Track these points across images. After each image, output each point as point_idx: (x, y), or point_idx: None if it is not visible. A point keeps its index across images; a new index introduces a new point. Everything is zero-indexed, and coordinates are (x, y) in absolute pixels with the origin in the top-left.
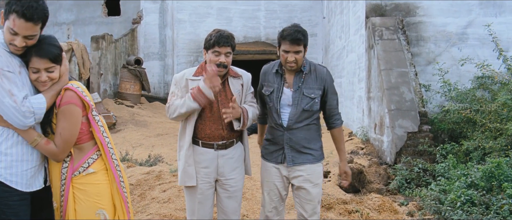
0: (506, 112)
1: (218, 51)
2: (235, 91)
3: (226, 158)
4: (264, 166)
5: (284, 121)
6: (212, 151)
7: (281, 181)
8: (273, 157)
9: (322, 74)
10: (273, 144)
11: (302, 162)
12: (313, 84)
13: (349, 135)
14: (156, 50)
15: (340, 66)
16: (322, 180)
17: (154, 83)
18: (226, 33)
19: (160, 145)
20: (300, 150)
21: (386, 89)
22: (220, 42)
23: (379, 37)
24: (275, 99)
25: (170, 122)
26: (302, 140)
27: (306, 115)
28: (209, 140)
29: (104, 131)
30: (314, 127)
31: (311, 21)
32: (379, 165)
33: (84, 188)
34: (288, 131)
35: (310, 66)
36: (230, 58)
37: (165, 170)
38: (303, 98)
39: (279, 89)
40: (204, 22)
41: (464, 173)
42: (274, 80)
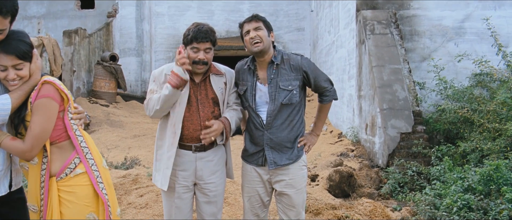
0: (505, 111)
1: (197, 48)
2: (217, 90)
3: (205, 161)
4: (244, 169)
5: (263, 119)
6: (190, 153)
7: (263, 186)
8: (253, 159)
9: (296, 63)
10: (253, 145)
11: (284, 165)
12: (288, 75)
13: (339, 136)
14: (133, 45)
15: (329, 62)
16: (305, 184)
17: (130, 81)
18: (205, 28)
19: (137, 147)
20: (281, 151)
21: (378, 87)
22: (199, 37)
23: (371, 32)
24: (250, 98)
25: (147, 122)
26: (284, 140)
27: (286, 110)
28: (187, 141)
29: (77, 128)
30: (297, 124)
31: (298, 15)
32: (371, 168)
33: (73, 191)
34: (268, 130)
35: (282, 56)
36: (211, 54)
37: (142, 174)
38: (280, 92)
39: (253, 87)
40: (184, 16)
41: (460, 176)
42: (247, 77)
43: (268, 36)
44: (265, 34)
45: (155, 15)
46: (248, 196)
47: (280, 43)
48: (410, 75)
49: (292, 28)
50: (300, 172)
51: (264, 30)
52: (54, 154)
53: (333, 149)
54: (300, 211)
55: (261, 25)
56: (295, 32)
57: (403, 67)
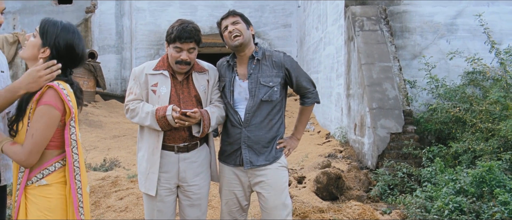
0: (498, 111)
1: (180, 47)
2: (199, 88)
3: (188, 162)
4: (222, 171)
5: (241, 116)
6: (172, 154)
7: (241, 189)
8: (231, 159)
9: (279, 59)
10: (230, 144)
11: (260, 165)
12: (269, 71)
13: (327, 137)
14: (112, 42)
15: (317, 60)
16: (286, 186)
17: (110, 79)
18: (189, 27)
19: (117, 148)
20: (260, 151)
21: (367, 85)
22: (182, 37)
23: (360, 28)
24: (228, 94)
25: (127, 122)
26: (262, 139)
27: (266, 108)
28: (169, 142)
29: (76, 146)
30: (277, 125)
31: (284, 10)
32: (359, 170)
33: (35, 200)
34: (246, 128)
35: (264, 52)
36: (194, 54)
37: (122, 176)
38: (260, 88)
39: (231, 82)
40: (166, 11)
41: (452, 178)
42: (226, 73)
43: (247, 30)
44: (244, 27)
45: (135, 11)
46: (225, 199)
47: (265, 40)
48: (400, 73)
49: (278, 24)
50: (278, 173)
51: (242, 24)
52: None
53: (320, 150)
54: (282, 215)
55: (238, 19)
56: (282, 28)
57: (393, 65)
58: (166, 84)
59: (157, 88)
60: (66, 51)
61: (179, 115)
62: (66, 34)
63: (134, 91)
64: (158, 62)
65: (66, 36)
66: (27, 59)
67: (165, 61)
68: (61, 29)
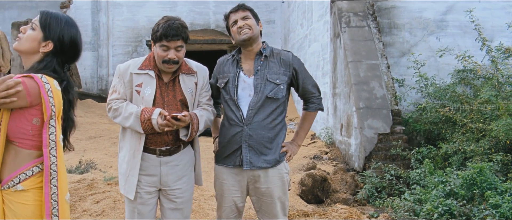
0: (489, 111)
1: (167, 46)
2: (186, 91)
3: (171, 165)
4: (221, 175)
5: (243, 113)
6: (154, 157)
7: (240, 195)
8: (230, 160)
9: (287, 58)
10: (230, 144)
11: (260, 167)
12: (277, 69)
13: (312, 137)
14: (88, 39)
15: (302, 58)
16: (286, 195)
17: (86, 78)
18: (176, 24)
19: (93, 149)
20: (261, 151)
21: (354, 84)
22: (169, 35)
23: (346, 24)
24: (232, 89)
25: (104, 122)
26: (263, 138)
27: (270, 106)
28: (151, 145)
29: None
30: (280, 125)
31: (268, 6)
32: (346, 172)
33: (13, 207)
34: (248, 126)
35: (272, 50)
36: (182, 52)
37: (99, 178)
38: (266, 85)
39: (235, 77)
40: (144, 7)
41: (442, 180)
42: (230, 69)
43: (257, 25)
44: (254, 23)
45: (112, 6)
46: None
47: None
48: (388, 71)
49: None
50: (279, 180)
51: (252, 19)
52: (9, 156)
53: (305, 151)
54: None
55: (248, 14)
56: (265, 25)
57: (381, 63)
58: (151, 86)
59: (141, 89)
60: (70, 46)
61: (169, 118)
62: (71, 29)
63: (118, 90)
64: (144, 61)
65: (71, 31)
66: (24, 52)
67: (151, 60)
68: (65, 23)
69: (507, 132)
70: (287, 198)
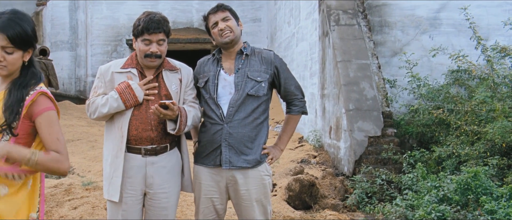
0: (485, 112)
1: (149, 39)
2: (171, 88)
3: (157, 167)
4: (199, 175)
5: (223, 111)
6: (139, 157)
7: (219, 196)
8: (210, 160)
9: (268, 56)
10: (209, 143)
11: (240, 167)
12: (258, 66)
13: (299, 141)
14: (66, 38)
15: (289, 57)
16: (268, 198)
17: (63, 78)
18: (157, 17)
19: (71, 153)
20: (241, 151)
21: (344, 85)
22: (150, 28)
23: (335, 23)
24: (212, 88)
25: (82, 124)
26: (244, 137)
27: (251, 104)
28: (135, 143)
29: None
30: (261, 125)
31: (253, 4)
32: (335, 176)
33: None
34: (228, 124)
35: (253, 49)
36: (165, 47)
37: (76, 183)
38: (247, 82)
39: (216, 76)
40: (124, 4)
41: (435, 185)
42: (210, 68)
43: (237, 26)
44: (235, 24)
45: (91, 4)
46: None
47: None
48: (379, 71)
49: (247, 18)
50: (260, 183)
51: (232, 19)
52: None
53: (293, 155)
54: None
55: (228, 15)
56: (251, 23)
57: (371, 63)
58: None
59: None
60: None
61: (157, 107)
62: (29, 23)
63: (98, 91)
64: (126, 60)
65: (31, 24)
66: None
67: (133, 59)
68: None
69: (503, 134)
70: (269, 202)
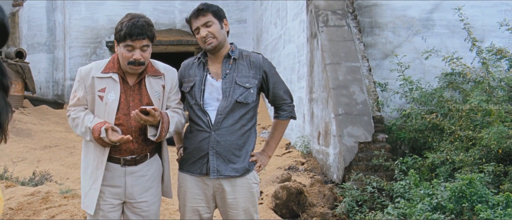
0: (480, 117)
1: (132, 46)
2: (153, 95)
3: (137, 176)
4: (184, 183)
5: (211, 118)
6: (118, 166)
7: (205, 204)
8: (196, 168)
9: (257, 61)
10: (196, 150)
11: (228, 176)
12: (246, 71)
13: (287, 147)
14: (43, 40)
15: (276, 60)
16: (256, 207)
17: (40, 82)
18: (141, 22)
19: (48, 160)
20: (229, 159)
21: (333, 88)
22: (134, 33)
23: (324, 24)
24: (198, 93)
25: (60, 130)
26: (232, 145)
27: (239, 111)
28: (115, 153)
29: None
30: (249, 132)
31: (239, 4)
32: (324, 184)
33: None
34: (216, 132)
35: (241, 52)
36: (148, 52)
37: (54, 191)
38: (235, 89)
39: (202, 81)
40: (104, 5)
41: (428, 193)
42: (196, 72)
43: (221, 29)
44: (217, 28)
45: (69, 4)
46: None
47: None
48: (370, 74)
49: (232, 19)
50: (248, 191)
51: (215, 23)
52: None
53: (280, 162)
54: None
55: (210, 18)
56: (236, 24)
57: (361, 65)
58: (115, 90)
59: (104, 94)
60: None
61: (137, 113)
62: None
63: (77, 95)
64: (107, 63)
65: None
66: None
67: (115, 62)
68: None
69: (499, 140)
70: (257, 211)
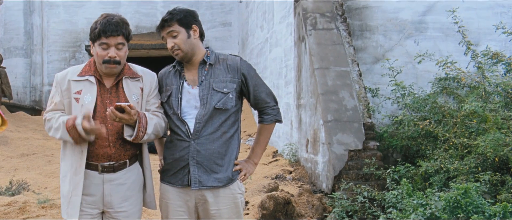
0: (475, 124)
1: (106, 43)
2: (131, 98)
3: (115, 184)
4: (166, 194)
5: (189, 127)
6: (95, 174)
7: (187, 217)
8: (177, 179)
9: (234, 63)
10: (176, 161)
11: (211, 187)
12: (224, 76)
13: (274, 155)
14: (20, 43)
15: (262, 64)
16: (241, 214)
17: (17, 88)
18: (115, 19)
19: (25, 168)
20: (211, 169)
21: (321, 94)
22: (108, 31)
23: (312, 27)
24: (175, 103)
25: (38, 137)
26: (214, 153)
27: (219, 118)
28: (92, 160)
29: None
30: (232, 139)
31: (223, 6)
32: (312, 194)
33: None
34: (195, 141)
35: (217, 56)
36: (124, 51)
37: (32, 201)
38: (212, 95)
39: (179, 89)
40: (84, 7)
41: (421, 203)
42: (173, 81)
43: (187, 38)
44: (183, 38)
45: (47, 7)
46: None
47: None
48: (360, 79)
49: (216, 22)
50: (232, 202)
51: (180, 33)
52: None
53: (266, 171)
54: None
55: (175, 28)
56: (220, 27)
57: (351, 70)
58: (91, 92)
59: (80, 96)
60: None
61: (112, 110)
62: None
63: (54, 100)
64: (84, 67)
65: None
66: None
67: (92, 65)
68: None
69: (495, 147)
70: None
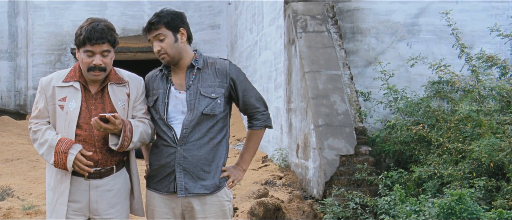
0: (470, 128)
1: (91, 51)
2: (117, 104)
3: (101, 190)
4: (152, 201)
5: (176, 133)
6: (81, 180)
7: None
8: (163, 186)
9: (223, 68)
10: (162, 167)
11: (197, 194)
12: (212, 80)
13: (264, 160)
14: (4, 46)
15: (251, 67)
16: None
17: (1, 92)
18: (101, 25)
19: (9, 174)
20: (198, 175)
21: (312, 98)
22: (93, 38)
23: (303, 29)
24: (161, 107)
25: (23, 142)
26: (201, 160)
27: (206, 123)
28: None
29: None
30: (219, 145)
31: (212, 8)
32: (303, 200)
33: None
34: (182, 147)
35: (206, 60)
36: (110, 58)
37: (16, 207)
38: (200, 100)
39: (166, 94)
40: (69, 10)
41: (415, 209)
42: (159, 85)
43: (175, 42)
44: (170, 42)
45: (32, 9)
46: None
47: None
48: (351, 83)
49: (205, 25)
50: (219, 209)
51: (167, 36)
52: None
53: (256, 176)
54: None
55: (162, 31)
56: (208, 30)
57: (343, 73)
58: (75, 99)
59: (65, 103)
60: None
61: (97, 120)
62: None
63: (39, 106)
64: (69, 72)
65: None
66: None
67: (77, 71)
68: None
69: (490, 153)
70: None
